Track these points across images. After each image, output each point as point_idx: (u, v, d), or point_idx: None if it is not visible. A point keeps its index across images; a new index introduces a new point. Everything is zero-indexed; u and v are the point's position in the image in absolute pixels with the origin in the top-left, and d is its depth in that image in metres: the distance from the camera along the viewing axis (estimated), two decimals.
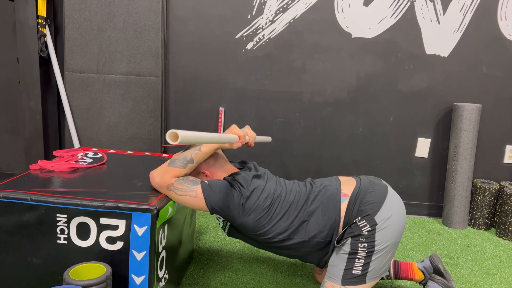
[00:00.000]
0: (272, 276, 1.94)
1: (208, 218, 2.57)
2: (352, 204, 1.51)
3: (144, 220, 1.35)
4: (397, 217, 1.51)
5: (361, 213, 1.48)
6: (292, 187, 1.60)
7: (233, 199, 1.48)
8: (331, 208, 1.51)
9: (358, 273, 1.48)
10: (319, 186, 1.59)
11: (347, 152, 2.81)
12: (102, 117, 2.68)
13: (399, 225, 1.51)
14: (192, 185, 1.47)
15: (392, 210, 1.50)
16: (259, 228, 1.50)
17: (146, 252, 1.36)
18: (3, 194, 1.36)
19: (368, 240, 1.47)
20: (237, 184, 1.50)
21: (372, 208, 1.48)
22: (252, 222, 1.49)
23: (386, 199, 1.51)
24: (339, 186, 1.57)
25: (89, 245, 1.37)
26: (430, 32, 2.63)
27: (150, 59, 2.62)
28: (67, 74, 2.64)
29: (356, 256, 1.48)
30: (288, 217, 1.51)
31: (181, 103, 2.79)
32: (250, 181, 1.53)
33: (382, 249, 1.48)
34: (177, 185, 1.46)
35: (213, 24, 2.67)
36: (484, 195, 2.62)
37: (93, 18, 2.59)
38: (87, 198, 1.37)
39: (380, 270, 1.52)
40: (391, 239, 1.49)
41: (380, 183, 1.59)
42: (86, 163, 1.78)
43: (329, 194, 1.55)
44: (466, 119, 2.55)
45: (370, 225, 1.47)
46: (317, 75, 2.72)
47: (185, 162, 1.49)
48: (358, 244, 1.47)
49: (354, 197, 1.52)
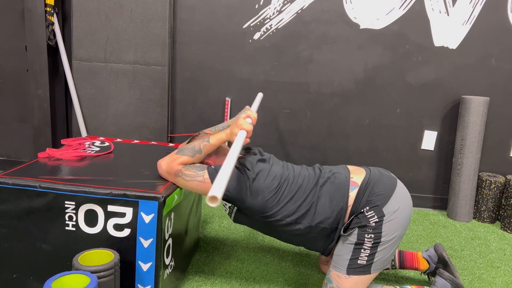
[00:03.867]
0: (277, 265, 1.96)
1: (213, 208, 2.59)
2: (361, 194, 1.51)
3: (151, 208, 1.37)
4: (405, 209, 1.51)
5: (370, 203, 1.49)
6: (300, 171, 1.60)
7: (239, 181, 1.49)
8: (340, 195, 1.52)
9: (363, 263, 1.49)
10: (328, 172, 1.59)
11: (353, 143, 2.81)
12: (109, 106, 2.70)
13: (406, 217, 1.52)
14: (199, 170, 1.49)
15: (400, 203, 1.50)
16: (268, 209, 1.51)
17: (153, 239, 1.38)
18: (12, 181, 1.38)
19: (375, 231, 1.47)
20: (243, 167, 1.52)
21: (381, 199, 1.49)
22: (261, 203, 1.50)
23: (395, 191, 1.51)
24: (348, 174, 1.57)
25: (97, 231, 1.39)
26: (439, 24, 2.61)
27: (157, 48, 2.63)
28: (74, 63, 2.65)
29: (363, 246, 1.49)
30: (296, 200, 1.52)
31: (188, 93, 2.80)
32: (255, 164, 1.54)
33: (388, 240, 1.48)
34: (185, 171, 1.48)
35: (221, 13, 2.67)
36: (490, 188, 2.62)
37: (100, 7, 2.59)
38: (95, 185, 1.39)
39: (385, 261, 1.53)
40: (397, 231, 1.49)
41: (389, 175, 1.59)
42: (93, 151, 1.80)
43: (338, 181, 1.55)
44: (473, 112, 2.53)
45: (378, 216, 1.47)
46: (324, 66, 2.71)
47: (193, 151, 1.51)
48: (365, 234, 1.48)
49: (364, 186, 1.52)
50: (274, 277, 1.85)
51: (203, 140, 1.53)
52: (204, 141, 1.53)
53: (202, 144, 1.52)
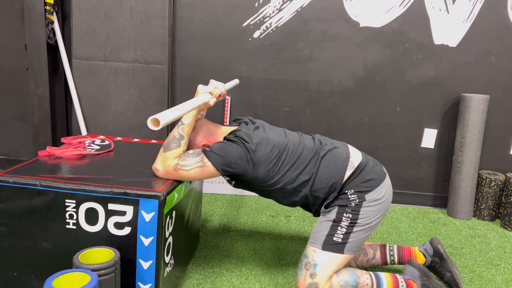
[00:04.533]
0: (277, 263, 1.96)
1: (214, 206, 2.59)
2: (353, 176, 1.57)
3: (151, 206, 1.37)
4: (385, 202, 1.59)
5: (357, 187, 1.55)
6: (299, 139, 1.63)
7: (239, 154, 1.50)
8: (338, 169, 1.57)
9: (338, 240, 1.56)
10: (330, 144, 1.64)
11: (353, 141, 2.81)
12: (109, 104, 2.70)
13: (385, 208, 1.60)
14: (195, 157, 1.49)
15: (383, 194, 1.58)
16: (269, 179, 1.54)
17: (154, 238, 1.38)
18: (13, 179, 1.38)
19: (354, 212, 1.55)
20: (240, 140, 1.52)
21: (368, 187, 1.56)
22: (263, 174, 1.53)
23: (383, 183, 1.59)
24: (348, 152, 1.62)
25: (98, 230, 1.39)
26: (438, 22, 2.61)
27: (157, 47, 2.62)
28: (74, 62, 2.65)
29: (340, 224, 1.55)
30: (296, 168, 1.55)
31: (188, 91, 2.79)
32: (252, 135, 1.55)
33: (363, 224, 1.56)
34: (182, 162, 1.49)
35: (220, 12, 2.66)
36: (490, 186, 2.62)
37: (100, 5, 2.59)
38: (95, 184, 1.39)
39: (358, 245, 1.59)
40: (374, 219, 1.58)
41: (381, 168, 1.65)
42: (93, 150, 1.80)
43: (338, 156, 1.60)
44: (474, 110, 2.53)
45: (359, 200, 1.55)
46: (324, 64, 2.71)
47: (176, 141, 1.52)
48: (343, 213, 1.55)
49: (358, 170, 1.58)
50: (274, 275, 1.86)
51: (179, 126, 1.54)
52: (180, 126, 1.53)
53: (179, 129, 1.53)
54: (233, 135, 1.56)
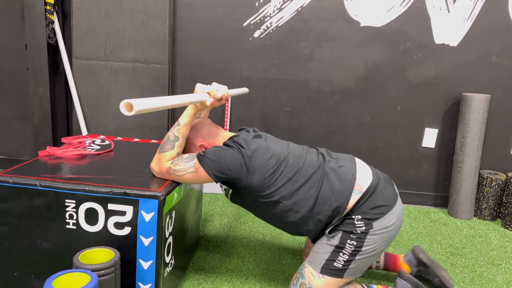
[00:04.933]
0: (278, 263, 1.96)
1: (214, 206, 2.59)
2: (361, 201, 1.46)
3: (151, 206, 1.37)
4: (394, 229, 1.49)
5: (364, 214, 1.45)
6: (301, 152, 1.55)
7: (232, 160, 1.44)
8: (343, 191, 1.46)
9: (339, 266, 1.49)
10: (334, 162, 1.53)
11: (353, 141, 2.81)
12: (110, 104, 2.70)
13: (393, 235, 1.51)
14: (188, 162, 1.46)
15: (394, 220, 1.48)
16: (265, 188, 1.46)
17: (153, 238, 1.38)
18: (13, 179, 1.38)
19: (358, 239, 1.45)
20: (236, 145, 1.47)
21: (376, 214, 1.46)
22: (258, 181, 1.45)
23: (393, 208, 1.48)
24: (355, 172, 1.51)
25: (98, 230, 1.39)
26: (439, 21, 2.60)
27: (157, 46, 2.62)
28: (75, 61, 2.65)
29: (342, 250, 1.47)
30: (295, 182, 1.47)
31: (188, 91, 2.79)
32: (251, 141, 1.49)
33: (368, 252, 1.48)
34: (174, 166, 1.46)
35: (221, 11, 2.66)
36: (491, 186, 2.62)
37: (100, 5, 2.58)
38: (95, 184, 1.39)
39: (359, 270, 1.52)
40: (380, 246, 1.49)
41: (393, 189, 1.54)
42: (93, 150, 1.80)
43: (344, 176, 1.49)
44: (474, 109, 2.53)
45: (366, 228, 1.45)
46: (324, 64, 2.70)
47: (171, 142, 1.49)
48: (348, 240, 1.46)
49: (367, 194, 1.47)
50: (274, 275, 1.86)
51: (175, 127, 1.50)
52: (176, 127, 1.50)
53: (175, 130, 1.50)
54: (231, 141, 1.51)
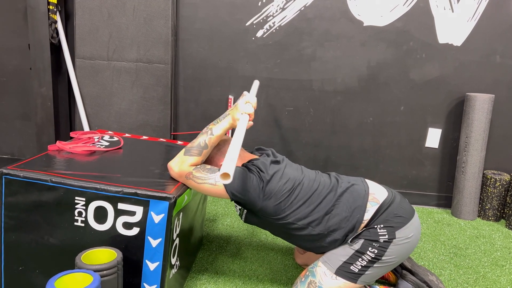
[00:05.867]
0: (280, 263, 1.95)
1: (217, 206, 2.59)
2: (380, 211, 1.50)
3: (161, 208, 1.35)
4: (414, 240, 1.53)
5: (386, 222, 1.49)
6: (315, 176, 1.59)
7: (252, 183, 1.47)
8: (357, 208, 1.51)
9: (355, 270, 1.50)
10: (346, 182, 1.58)
11: (356, 141, 2.80)
12: (112, 104, 2.70)
13: (412, 247, 1.53)
14: (210, 173, 1.47)
15: (413, 232, 1.52)
16: (280, 212, 1.49)
17: (162, 239, 1.37)
18: (23, 173, 1.37)
19: (380, 248, 1.48)
20: (256, 169, 1.50)
21: (398, 223, 1.49)
22: (273, 206, 1.48)
23: (412, 219, 1.53)
24: (367, 189, 1.57)
25: (106, 229, 1.38)
26: (443, 21, 2.59)
27: (160, 46, 2.62)
28: (77, 61, 2.65)
29: (362, 256, 1.49)
30: (310, 204, 1.50)
31: (191, 90, 2.79)
32: (269, 166, 1.52)
33: (386, 261, 1.50)
34: (196, 173, 1.47)
35: (223, 11, 2.65)
36: (495, 186, 2.60)
37: (103, 5, 2.58)
38: (106, 182, 1.38)
39: (373, 278, 1.54)
40: (399, 257, 1.51)
41: (409, 204, 1.60)
42: (103, 146, 1.78)
43: (357, 194, 1.53)
44: (478, 109, 2.52)
45: (389, 237, 1.48)
46: (327, 64, 2.69)
47: (199, 148, 1.49)
48: (369, 247, 1.48)
49: (385, 205, 1.51)
50: (277, 276, 1.85)
51: (207, 135, 1.51)
52: (208, 135, 1.51)
53: (206, 138, 1.50)
54: (250, 163, 1.54)
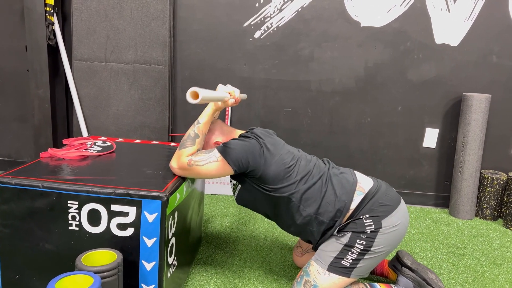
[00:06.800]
0: (280, 264, 1.96)
1: (215, 207, 2.59)
2: (365, 201, 1.52)
3: (154, 207, 1.36)
4: (402, 228, 1.53)
5: (371, 212, 1.50)
6: (311, 158, 1.63)
7: (252, 149, 1.50)
8: (345, 193, 1.53)
9: (346, 265, 1.51)
10: (337, 169, 1.62)
11: (354, 141, 2.80)
12: (110, 105, 2.69)
13: (400, 236, 1.54)
14: (209, 153, 1.51)
15: (400, 220, 1.52)
16: (278, 181, 1.51)
17: (156, 239, 1.38)
18: (15, 180, 1.38)
19: (368, 239, 1.48)
20: (255, 136, 1.53)
21: (384, 211, 1.50)
22: (273, 173, 1.50)
23: (398, 207, 1.54)
24: (356, 178, 1.59)
25: (100, 231, 1.39)
26: (440, 21, 2.60)
27: (158, 47, 2.62)
28: (75, 63, 2.65)
29: (351, 249, 1.50)
30: (306, 181, 1.53)
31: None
32: (268, 135, 1.57)
33: (376, 252, 1.50)
34: (195, 157, 1.51)
35: (221, 12, 2.66)
36: (492, 186, 2.62)
37: (100, 6, 2.58)
38: (98, 185, 1.39)
39: (366, 270, 1.54)
40: (388, 246, 1.52)
41: (395, 192, 1.61)
42: (95, 151, 1.79)
43: (346, 181, 1.56)
44: (475, 109, 2.53)
45: (375, 227, 1.48)
46: (325, 64, 2.70)
47: (191, 139, 1.54)
48: (357, 239, 1.49)
49: (370, 194, 1.53)
50: (276, 276, 1.85)
51: (195, 125, 1.56)
52: (195, 125, 1.56)
53: (195, 128, 1.55)
54: (248, 133, 1.58)
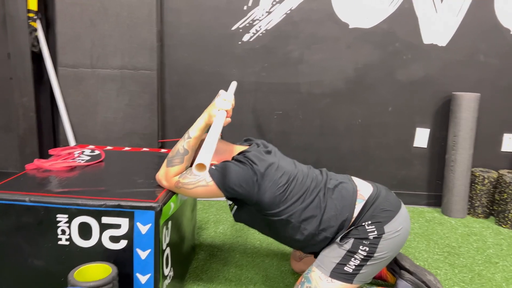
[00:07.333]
0: (277, 270, 1.93)
1: (208, 213, 2.55)
2: (366, 208, 1.49)
3: (147, 218, 1.32)
4: (404, 233, 1.51)
5: (373, 218, 1.47)
6: (308, 171, 1.56)
7: (245, 177, 1.42)
8: (347, 205, 1.49)
9: (349, 271, 1.47)
10: (335, 180, 1.56)
11: (345, 143, 2.80)
12: (97, 113, 2.63)
13: (402, 240, 1.52)
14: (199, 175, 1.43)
15: (402, 225, 1.50)
16: (274, 206, 1.45)
17: (151, 250, 1.34)
18: (0, 195, 1.33)
19: (371, 245, 1.46)
20: (249, 161, 1.44)
21: (385, 217, 1.48)
22: (268, 200, 1.44)
23: (399, 212, 1.51)
24: (355, 187, 1.55)
25: (92, 245, 1.34)
26: (427, 22, 2.61)
27: (145, 52, 2.57)
28: (60, 70, 2.59)
29: (354, 255, 1.47)
30: (303, 200, 1.47)
31: (178, 97, 2.75)
32: (263, 158, 1.47)
33: (379, 258, 1.48)
34: (183, 179, 1.43)
35: (209, 16, 2.63)
36: (483, 184, 2.63)
37: (84, 12, 2.53)
38: (87, 197, 1.35)
39: (368, 276, 1.52)
40: (391, 251, 1.49)
41: (395, 196, 1.59)
42: (83, 161, 1.74)
43: (345, 191, 1.52)
44: (465, 108, 2.54)
45: (378, 233, 1.46)
46: (314, 66, 2.69)
47: (180, 156, 1.45)
48: (360, 246, 1.46)
49: (370, 201, 1.50)
50: (274, 283, 1.82)
51: (185, 139, 1.46)
52: (185, 140, 1.46)
53: (185, 143, 1.46)
54: (242, 155, 1.49)
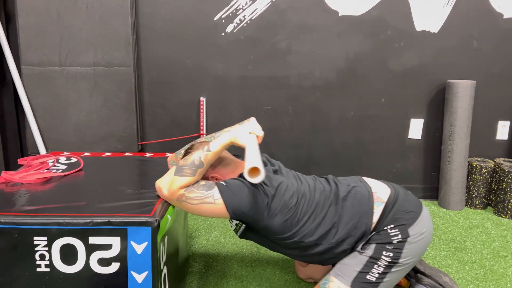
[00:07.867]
0: (281, 280, 1.76)
1: (198, 220, 2.36)
2: (387, 210, 1.37)
3: (143, 235, 1.14)
4: (428, 235, 1.40)
5: (396, 221, 1.35)
6: (315, 184, 1.43)
7: (257, 199, 1.27)
8: (364, 212, 1.36)
9: (372, 280, 1.35)
10: (346, 186, 1.43)
11: (338, 137, 2.66)
12: (69, 115, 2.40)
13: (427, 244, 1.41)
14: (206, 190, 1.26)
15: (426, 226, 1.39)
16: (286, 230, 1.32)
17: (148, 272, 1.15)
18: None
19: (395, 250, 1.34)
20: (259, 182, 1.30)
21: (409, 219, 1.36)
22: (279, 224, 1.31)
23: (422, 213, 1.40)
24: (370, 188, 1.42)
25: (78, 270, 1.14)
26: (419, 8, 2.50)
27: (120, 47, 2.35)
28: (24, 69, 2.33)
29: (377, 262, 1.35)
30: (315, 217, 1.35)
31: (157, 95, 2.54)
32: (272, 177, 1.34)
33: (404, 263, 1.36)
34: (189, 193, 1.25)
35: (188, 6, 2.43)
36: (481, 174, 2.55)
37: (50, 4, 2.28)
38: (69, 214, 1.15)
39: (391, 285, 1.40)
40: (415, 256, 1.38)
41: (412, 195, 1.48)
42: (59, 170, 1.53)
43: (360, 196, 1.39)
44: (461, 96, 2.45)
45: (403, 236, 1.34)
46: (303, 57, 2.54)
47: (194, 167, 1.26)
48: (383, 251, 1.34)
49: (390, 203, 1.38)
50: None
51: (203, 151, 1.28)
52: (204, 152, 1.28)
53: (202, 155, 1.28)
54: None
